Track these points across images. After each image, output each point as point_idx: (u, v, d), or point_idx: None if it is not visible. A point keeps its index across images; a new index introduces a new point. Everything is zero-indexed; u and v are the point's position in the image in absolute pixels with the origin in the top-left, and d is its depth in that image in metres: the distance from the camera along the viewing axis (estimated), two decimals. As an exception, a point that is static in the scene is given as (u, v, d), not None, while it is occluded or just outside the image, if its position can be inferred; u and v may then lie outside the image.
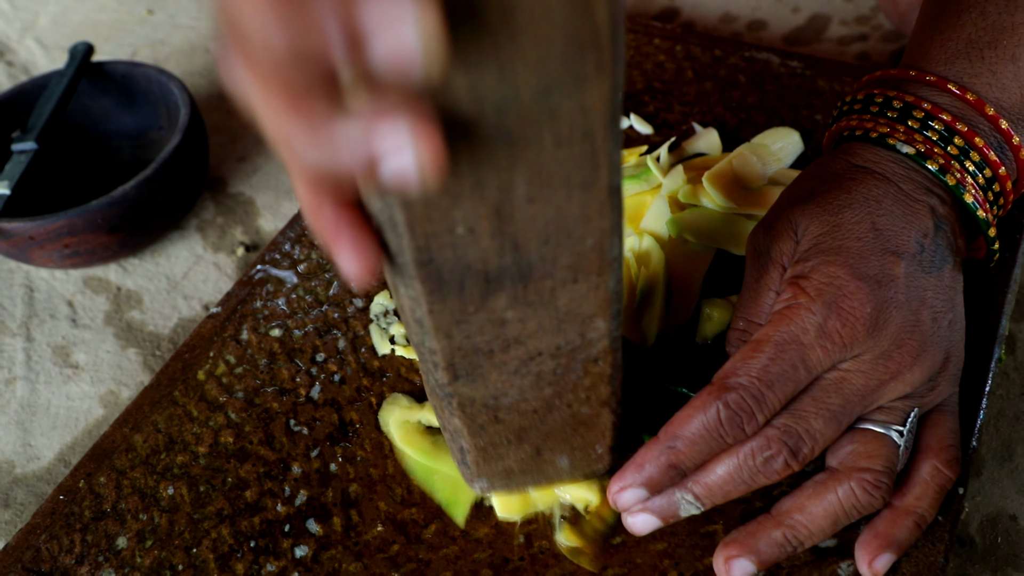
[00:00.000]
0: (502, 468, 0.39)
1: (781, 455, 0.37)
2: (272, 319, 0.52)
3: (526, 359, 0.34)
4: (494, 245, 0.29)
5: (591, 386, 0.36)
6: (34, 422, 0.55)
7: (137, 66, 0.66)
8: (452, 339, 0.32)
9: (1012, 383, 0.52)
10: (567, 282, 0.31)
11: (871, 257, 0.39)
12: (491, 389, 0.35)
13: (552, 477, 0.41)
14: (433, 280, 0.30)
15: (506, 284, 0.31)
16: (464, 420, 0.36)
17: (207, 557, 0.43)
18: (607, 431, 0.39)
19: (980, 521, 0.47)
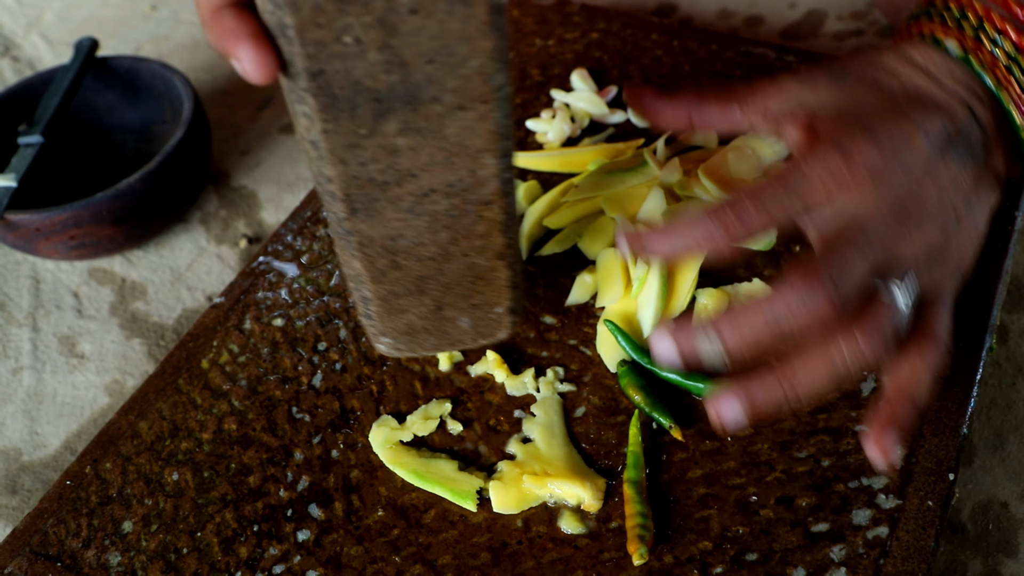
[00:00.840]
0: (405, 323, 0.41)
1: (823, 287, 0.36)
2: (274, 309, 0.52)
3: (420, 195, 0.35)
4: (381, 60, 0.31)
5: (485, 233, 0.38)
6: (40, 410, 0.56)
7: (141, 61, 0.67)
8: (347, 165, 0.34)
9: (1004, 372, 0.53)
10: (454, 109, 0.33)
11: (891, 123, 0.39)
12: (388, 228, 0.36)
13: (455, 339, 0.42)
14: (325, 94, 0.31)
15: (396, 107, 0.32)
16: (364, 262, 0.38)
17: (211, 541, 0.43)
18: (504, 289, 0.40)
19: (972, 508, 0.48)
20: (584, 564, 0.41)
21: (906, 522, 0.41)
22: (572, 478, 0.43)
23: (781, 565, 0.40)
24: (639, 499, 0.41)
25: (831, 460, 0.43)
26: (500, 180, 0.36)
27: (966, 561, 0.46)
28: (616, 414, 0.46)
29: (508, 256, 0.39)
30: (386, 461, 0.45)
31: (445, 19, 0.30)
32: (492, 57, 0.32)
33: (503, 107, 0.34)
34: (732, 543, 0.41)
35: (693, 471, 0.44)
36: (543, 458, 0.44)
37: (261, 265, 0.55)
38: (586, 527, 0.42)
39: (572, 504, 0.43)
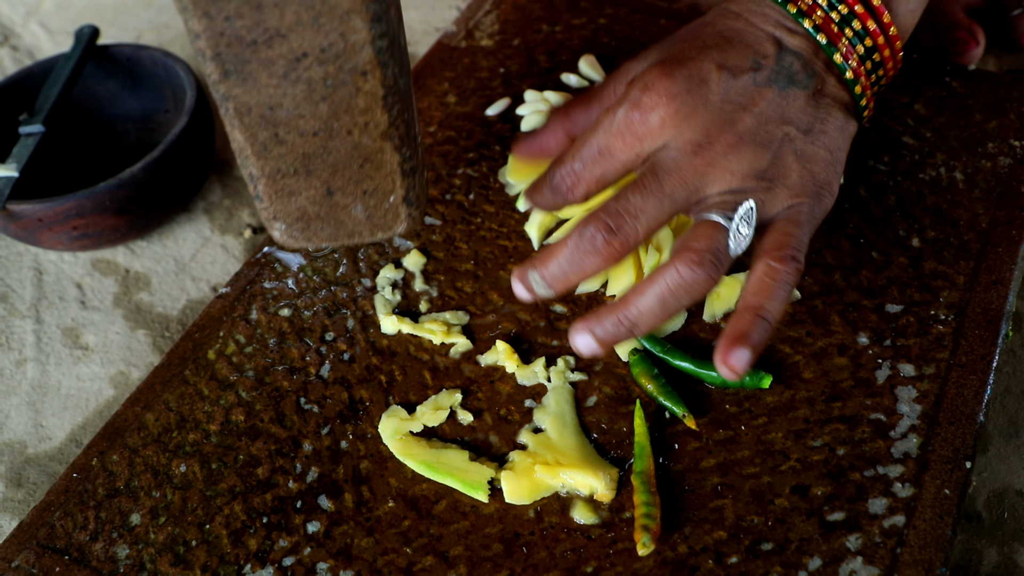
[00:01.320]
0: (296, 208, 0.40)
1: (599, 232, 0.41)
2: (281, 299, 0.52)
3: (293, 60, 0.35)
4: None
5: (366, 108, 0.37)
6: (45, 403, 0.55)
7: (143, 49, 0.66)
8: (212, 19, 0.34)
9: (1019, 360, 0.52)
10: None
11: (689, 62, 0.42)
12: (264, 96, 0.36)
13: (351, 230, 0.42)
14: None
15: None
16: (244, 133, 0.37)
17: (220, 533, 0.43)
18: (395, 176, 0.40)
19: (987, 496, 0.47)
20: (597, 554, 0.41)
21: (923, 510, 0.40)
22: (584, 468, 0.42)
23: (797, 555, 0.40)
24: (645, 490, 0.41)
25: (846, 449, 0.43)
26: (374, 48, 0.35)
27: (981, 550, 0.46)
28: (628, 403, 0.46)
29: (394, 136, 0.38)
30: (396, 452, 0.44)
31: None
32: None
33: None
34: (747, 533, 0.41)
35: (707, 460, 0.43)
36: (555, 448, 0.44)
37: (266, 255, 0.54)
38: (599, 517, 0.42)
39: (584, 494, 0.42)
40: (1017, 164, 0.53)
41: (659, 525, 0.40)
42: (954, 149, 0.55)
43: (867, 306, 0.48)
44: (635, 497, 0.41)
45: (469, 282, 0.52)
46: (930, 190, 0.53)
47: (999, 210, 0.51)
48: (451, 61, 0.64)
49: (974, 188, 0.53)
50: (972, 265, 0.49)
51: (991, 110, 0.56)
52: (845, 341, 0.47)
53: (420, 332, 0.49)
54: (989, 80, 0.58)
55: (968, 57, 0.60)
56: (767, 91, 0.42)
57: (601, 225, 0.41)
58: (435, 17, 0.78)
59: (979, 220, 0.51)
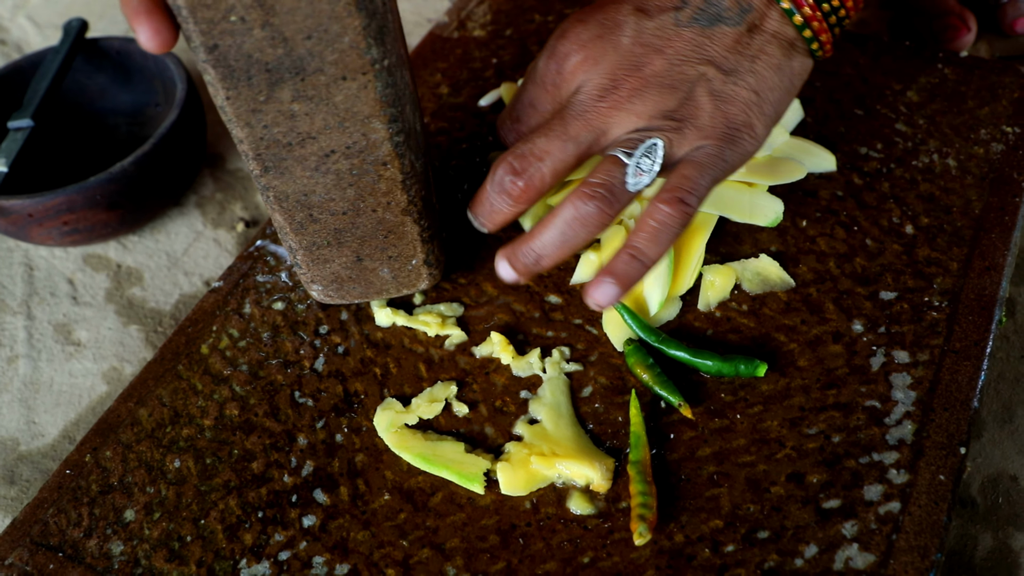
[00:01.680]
0: (331, 272, 0.46)
1: (507, 174, 0.42)
2: (274, 292, 0.52)
3: (323, 156, 0.40)
4: (266, 36, 0.36)
5: (388, 191, 0.42)
6: (37, 399, 0.55)
7: (132, 42, 0.66)
8: (252, 128, 0.39)
9: (1012, 346, 0.52)
10: (337, 79, 0.38)
11: (608, 8, 0.43)
12: (299, 185, 0.41)
13: (379, 288, 0.47)
14: (223, 66, 0.36)
15: (286, 77, 0.37)
16: (283, 215, 0.43)
17: (215, 528, 0.43)
18: (416, 244, 0.45)
19: (981, 482, 0.48)
20: (594, 544, 0.41)
21: (918, 497, 0.41)
22: (580, 458, 0.42)
23: (793, 542, 0.40)
24: (641, 479, 0.41)
25: (841, 436, 0.43)
26: (392, 143, 0.40)
27: (976, 535, 0.46)
28: (623, 393, 0.45)
29: (413, 212, 0.43)
30: (391, 445, 0.44)
31: (315, 0, 0.35)
32: (363, 34, 0.36)
33: (383, 78, 0.38)
34: (743, 521, 0.41)
35: (703, 449, 0.43)
36: (551, 439, 0.44)
37: (259, 248, 0.54)
38: (595, 507, 0.42)
39: (581, 485, 0.42)
40: (1010, 150, 0.53)
41: (655, 514, 0.40)
42: (947, 136, 0.55)
43: (861, 293, 0.48)
44: (631, 487, 0.41)
45: (463, 273, 0.51)
46: (923, 177, 0.53)
47: (992, 196, 0.51)
48: (443, 52, 0.64)
49: (967, 175, 0.53)
50: (965, 252, 0.49)
51: (983, 97, 0.56)
52: (839, 329, 0.47)
53: (415, 324, 0.49)
54: (981, 67, 0.58)
55: (960, 43, 0.60)
56: (687, 31, 0.42)
57: (508, 168, 0.42)
58: (427, 8, 0.78)
59: (972, 207, 0.51)
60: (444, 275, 0.49)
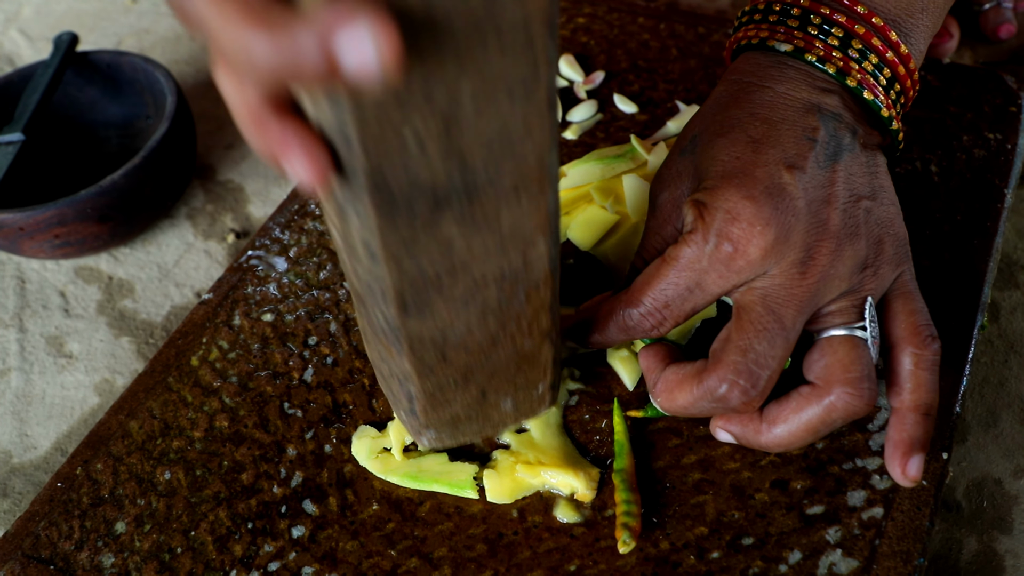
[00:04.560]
0: (449, 415, 0.40)
1: (735, 390, 0.39)
2: (264, 304, 0.52)
3: (472, 287, 0.34)
4: (442, 160, 0.30)
5: (533, 316, 0.37)
6: (30, 412, 0.55)
7: (123, 55, 0.66)
8: (401, 264, 0.32)
9: (996, 350, 0.53)
10: (509, 194, 0.32)
11: (756, 171, 0.39)
12: (439, 323, 0.35)
13: (496, 422, 0.42)
14: (383, 194, 0.30)
15: (453, 202, 0.31)
16: (413, 361, 0.36)
17: (205, 539, 0.43)
18: (548, 367, 0.40)
19: (966, 486, 0.48)
20: (580, 553, 0.41)
21: (901, 502, 0.41)
22: (565, 468, 0.43)
23: (777, 548, 0.40)
24: (625, 487, 0.41)
25: (825, 442, 0.43)
26: (549, 260, 0.35)
27: (961, 539, 0.46)
28: (608, 401, 0.46)
29: (552, 334, 0.39)
30: (376, 472, 0.44)
31: (507, 116, 0.30)
32: (548, 139, 0.31)
33: (554, 188, 0.33)
34: (728, 528, 0.41)
35: (688, 457, 0.44)
36: (537, 447, 0.44)
37: (249, 260, 0.54)
38: (581, 516, 0.42)
39: (565, 494, 0.43)
40: (992, 156, 0.54)
41: (640, 522, 0.40)
42: (929, 142, 0.55)
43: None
44: (616, 495, 0.41)
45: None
46: (906, 183, 0.53)
47: (974, 202, 0.52)
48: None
49: (949, 180, 0.53)
50: (947, 257, 0.49)
51: (966, 103, 0.57)
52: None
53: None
54: (963, 73, 0.59)
55: (942, 50, 0.61)
56: (830, 173, 0.39)
57: (738, 388, 0.38)
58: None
59: (954, 212, 0.51)
60: None
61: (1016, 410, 0.50)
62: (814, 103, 0.40)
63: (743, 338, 0.39)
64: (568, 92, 0.61)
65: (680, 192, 0.42)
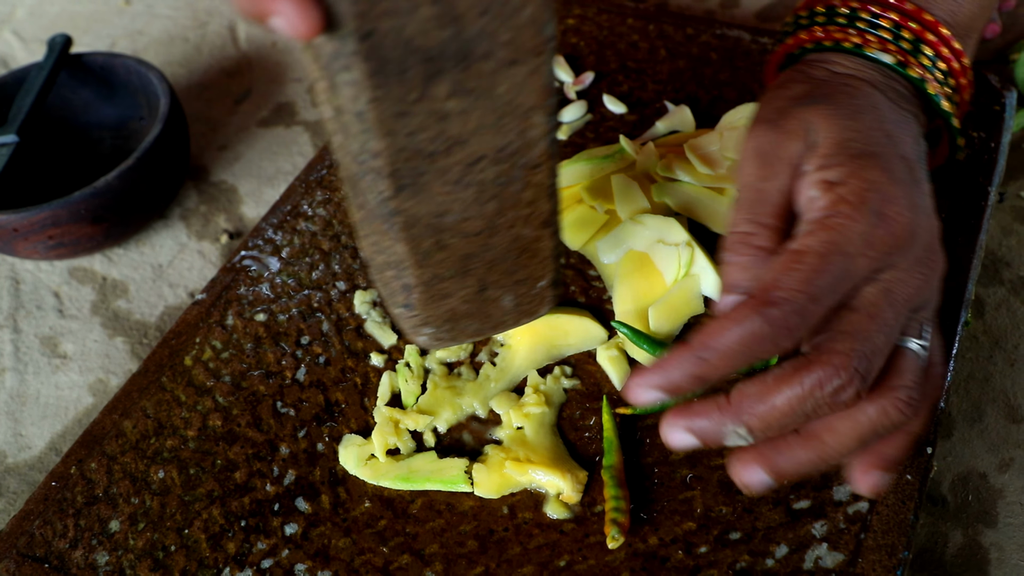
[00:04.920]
0: (447, 310, 0.38)
1: (853, 384, 0.34)
2: (257, 304, 0.52)
3: (468, 164, 0.33)
4: (434, 14, 0.29)
5: (532, 200, 0.36)
6: (24, 412, 0.56)
7: (116, 57, 0.67)
8: (395, 136, 0.31)
9: (981, 346, 0.53)
10: (505, 64, 0.31)
11: (896, 161, 0.37)
12: (435, 204, 0.34)
13: (496, 321, 0.40)
14: (375, 58, 0.29)
15: (447, 67, 0.30)
16: (409, 245, 0.35)
17: (199, 537, 0.44)
18: (548, 260, 0.39)
19: (951, 480, 0.49)
20: (570, 548, 0.42)
21: (885, 496, 0.41)
22: (553, 468, 0.43)
23: (764, 543, 0.41)
24: (614, 483, 0.42)
25: (811, 438, 0.44)
26: (548, 140, 0.34)
27: (947, 532, 0.47)
28: (598, 399, 0.46)
29: (553, 223, 0.37)
30: (367, 478, 0.44)
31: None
32: (545, 5, 0.30)
33: (551, 60, 0.32)
34: (715, 523, 0.42)
35: (676, 453, 0.44)
36: (528, 445, 0.44)
37: (242, 260, 0.55)
38: (571, 512, 0.43)
39: (552, 494, 0.43)
40: (976, 154, 0.54)
41: (628, 518, 0.41)
42: (916, 141, 0.56)
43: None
44: (605, 491, 0.42)
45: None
46: (893, 182, 0.54)
47: (959, 200, 0.52)
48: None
49: (934, 178, 0.53)
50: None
51: (952, 102, 0.57)
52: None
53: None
54: (950, 72, 0.59)
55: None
56: (928, 183, 0.39)
57: (857, 377, 0.34)
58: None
59: (939, 210, 0.52)
60: None
61: (1001, 405, 0.51)
62: (916, 116, 0.41)
63: (860, 329, 0.35)
64: (558, 93, 0.61)
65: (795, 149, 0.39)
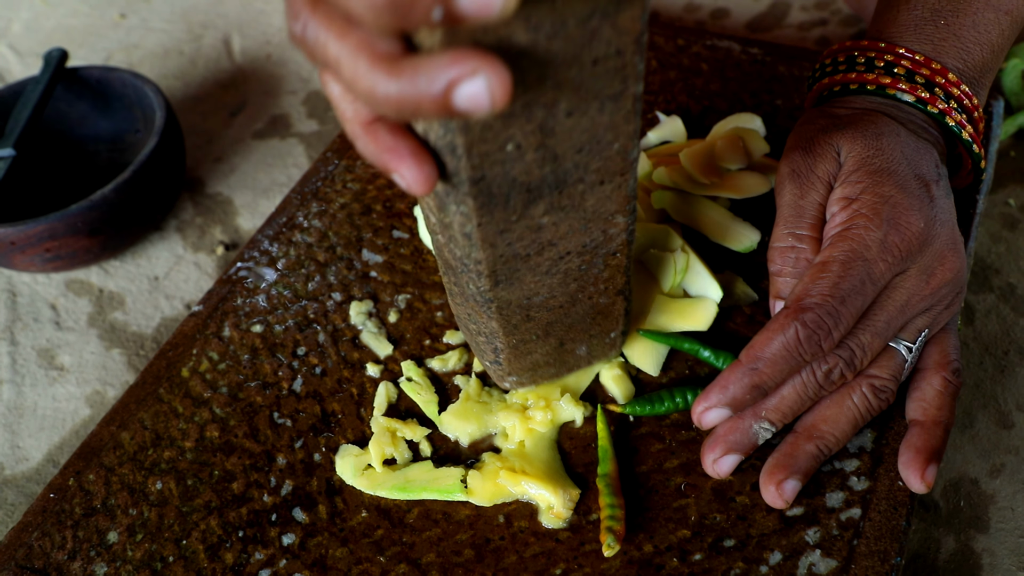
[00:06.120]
0: (530, 363, 0.44)
1: (838, 366, 0.41)
2: (253, 315, 0.53)
3: (556, 259, 0.38)
4: (536, 158, 0.33)
5: (610, 277, 0.41)
6: (21, 424, 0.56)
7: (112, 71, 0.67)
8: (496, 248, 0.36)
9: (971, 352, 0.54)
10: (595, 185, 0.35)
11: (911, 180, 0.42)
12: (525, 290, 0.39)
13: (572, 365, 0.45)
14: (483, 196, 0.33)
15: (544, 193, 0.35)
16: (501, 322, 0.40)
17: (197, 548, 0.44)
18: (620, 317, 0.44)
19: (943, 486, 0.49)
20: (566, 556, 0.42)
21: (878, 503, 0.42)
22: (546, 482, 0.43)
23: (758, 550, 0.41)
24: (609, 492, 0.42)
25: (804, 445, 0.44)
26: (627, 232, 0.39)
27: (939, 538, 0.47)
28: (593, 407, 0.47)
29: (626, 290, 0.42)
30: (364, 488, 0.45)
31: (596, 116, 0.32)
32: (633, 137, 0.34)
33: (634, 172, 0.36)
34: (710, 530, 0.42)
35: (670, 461, 0.44)
36: (525, 457, 0.45)
37: (238, 272, 0.55)
38: (566, 521, 0.43)
39: (543, 507, 0.43)
40: (965, 164, 0.55)
41: (623, 526, 0.41)
42: (905, 151, 0.56)
43: (822, 306, 0.49)
44: (600, 499, 0.42)
45: (437, 293, 0.53)
46: (882, 191, 0.54)
47: (949, 209, 0.53)
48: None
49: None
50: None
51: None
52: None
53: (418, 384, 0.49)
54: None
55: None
56: (950, 203, 0.44)
57: (840, 362, 0.41)
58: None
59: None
60: None
61: (992, 411, 0.52)
62: (935, 145, 0.45)
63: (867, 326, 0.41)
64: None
65: (828, 168, 0.44)
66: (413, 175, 0.30)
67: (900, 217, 0.41)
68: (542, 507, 0.43)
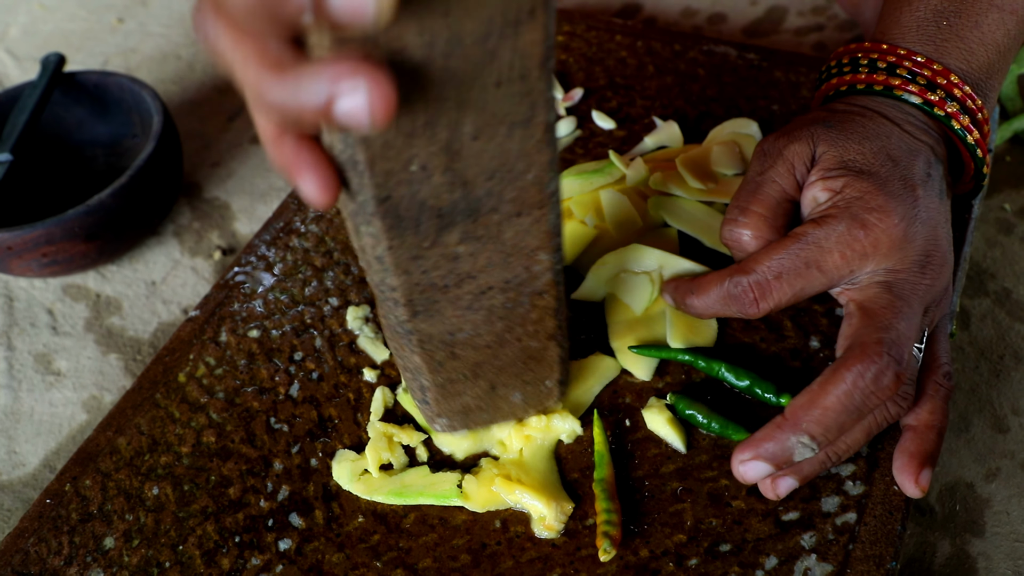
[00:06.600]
0: (460, 405, 0.42)
1: (890, 367, 0.39)
2: (250, 320, 0.53)
3: (478, 293, 0.37)
4: (445, 181, 0.32)
5: (538, 319, 0.40)
6: (18, 429, 0.56)
7: (109, 75, 0.67)
8: (410, 275, 0.35)
9: (967, 357, 0.54)
10: (512, 216, 0.35)
11: (894, 181, 0.42)
12: (447, 325, 0.38)
13: (507, 413, 0.44)
14: (391, 216, 0.33)
15: (457, 219, 0.34)
16: (424, 357, 0.39)
17: (193, 554, 0.44)
18: (555, 365, 0.42)
19: (939, 490, 0.49)
20: (562, 562, 0.42)
21: (873, 507, 0.42)
22: (540, 494, 0.43)
23: (754, 554, 0.41)
24: (605, 497, 0.42)
25: (800, 450, 0.44)
26: (552, 272, 0.38)
27: (935, 542, 0.47)
28: (588, 413, 0.47)
29: (558, 336, 0.41)
30: (360, 493, 0.45)
31: (505, 141, 0.32)
32: (547, 168, 0.34)
33: (556, 208, 0.36)
34: (706, 535, 0.42)
35: (666, 466, 0.45)
36: (522, 466, 0.45)
37: (235, 276, 0.55)
38: (558, 533, 0.43)
39: (535, 517, 0.43)
40: (961, 169, 0.55)
41: (620, 531, 0.41)
42: (901, 155, 0.56)
43: (817, 311, 0.49)
44: (596, 504, 0.42)
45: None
46: (878, 196, 0.54)
47: (944, 214, 0.53)
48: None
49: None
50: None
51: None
52: (797, 346, 0.48)
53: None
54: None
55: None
56: (939, 203, 0.44)
57: (891, 368, 0.39)
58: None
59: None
60: None
61: (987, 415, 0.52)
62: (932, 147, 0.45)
63: (880, 321, 0.40)
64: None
65: (799, 151, 0.44)
66: (312, 187, 0.30)
67: (872, 215, 0.41)
68: (534, 517, 0.43)
